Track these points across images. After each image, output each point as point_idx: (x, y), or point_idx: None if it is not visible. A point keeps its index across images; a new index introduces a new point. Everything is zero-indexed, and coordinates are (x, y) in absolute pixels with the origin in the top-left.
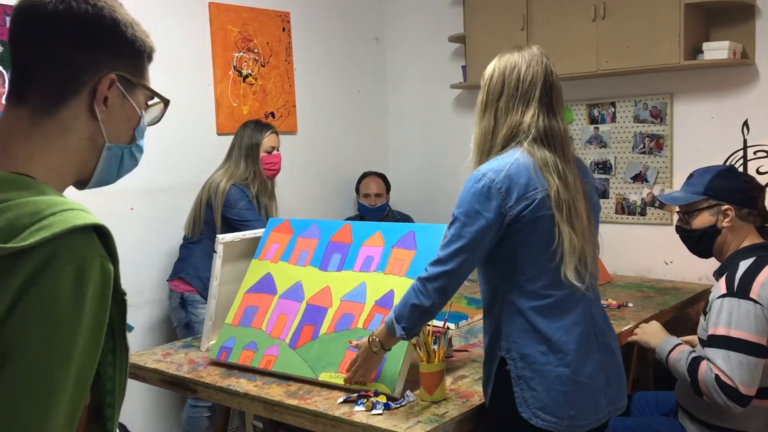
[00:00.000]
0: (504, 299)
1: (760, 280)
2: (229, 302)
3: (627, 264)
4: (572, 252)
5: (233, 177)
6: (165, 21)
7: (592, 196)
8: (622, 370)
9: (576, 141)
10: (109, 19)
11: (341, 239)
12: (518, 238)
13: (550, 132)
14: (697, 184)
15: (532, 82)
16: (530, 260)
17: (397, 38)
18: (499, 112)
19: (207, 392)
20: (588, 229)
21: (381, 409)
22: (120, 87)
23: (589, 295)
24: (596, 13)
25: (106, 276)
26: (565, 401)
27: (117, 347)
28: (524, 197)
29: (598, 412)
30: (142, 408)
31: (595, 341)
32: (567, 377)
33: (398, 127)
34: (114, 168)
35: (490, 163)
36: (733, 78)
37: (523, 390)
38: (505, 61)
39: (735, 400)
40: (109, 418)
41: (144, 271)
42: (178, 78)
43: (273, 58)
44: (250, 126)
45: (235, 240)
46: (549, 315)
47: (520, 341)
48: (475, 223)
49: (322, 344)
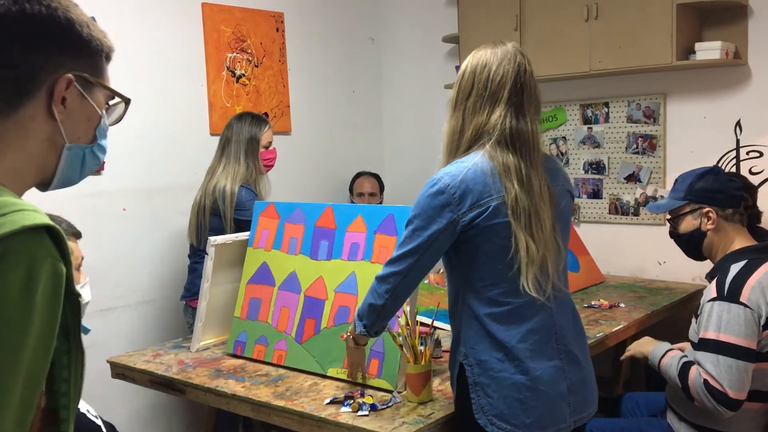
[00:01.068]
0: (464, 304)
1: (751, 284)
2: (221, 304)
3: (620, 264)
4: (531, 261)
5: (237, 177)
6: (158, 22)
7: (561, 201)
8: (589, 377)
9: (569, 141)
10: (63, 19)
11: (326, 224)
12: (474, 245)
13: (516, 134)
14: (679, 189)
15: (501, 81)
16: (487, 267)
17: (391, 38)
18: (467, 111)
19: (195, 393)
20: (551, 238)
21: (367, 410)
22: (78, 87)
23: (550, 304)
24: (589, 14)
25: (58, 277)
26: (521, 409)
27: (72, 349)
28: (478, 204)
29: (560, 420)
30: (133, 410)
31: (555, 349)
32: (523, 385)
33: (393, 127)
34: (76, 168)
35: (448, 167)
36: (725, 78)
37: (480, 396)
38: (477, 58)
39: (724, 405)
40: (64, 421)
41: (137, 272)
42: (172, 78)
43: (267, 58)
44: (247, 119)
45: (227, 242)
46: (506, 322)
47: (477, 347)
48: (427, 227)
49: (325, 339)
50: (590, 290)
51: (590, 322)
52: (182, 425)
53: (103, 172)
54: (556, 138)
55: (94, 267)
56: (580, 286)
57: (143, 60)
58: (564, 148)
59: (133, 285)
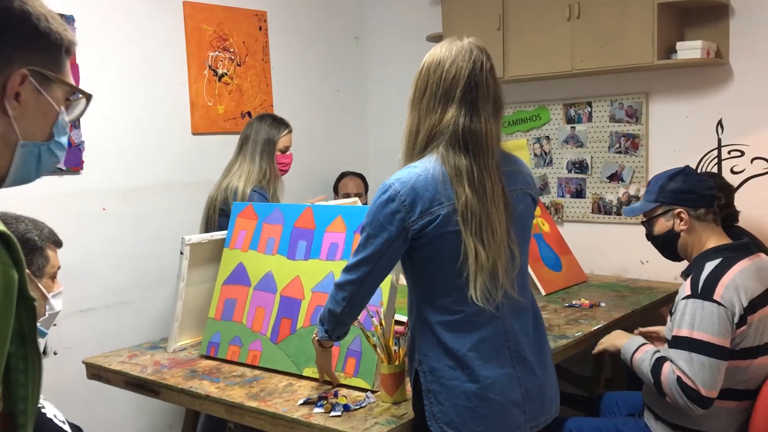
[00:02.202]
0: (417, 312)
1: (725, 282)
2: (199, 304)
3: (603, 263)
4: (479, 269)
5: (251, 178)
6: (139, 20)
7: (518, 206)
8: (546, 384)
9: (553, 141)
10: (18, 11)
11: (305, 225)
12: (426, 253)
13: (469, 135)
14: (651, 191)
15: (454, 79)
16: (439, 276)
17: (376, 37)
18: (422, 110)
19: (169, 394)
20: (503, 243)
21: (340, 410)
22: (34, 82)
23: (503, 312)
24: (571, 13)
25: (9, 283)
26: (471, 417)
27: (28, 354)
28: (428, 212)
29: (513, 428)
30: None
31: (508, 357)
32: (473, 393)
33: (378, 127)
34: (31, 166)
35: (400, 173)
36: (707, 77)
37: (432, 404)
38: (432, 55)
39: (696, 402)
40: (21, 426)
41: (117, 272)
42: (152, 77)
43: (249, 57)
44: (267, 121)
45: (202, 241)
46: (457, 330)
47: (430, 354)
48: (378, 235)
49: (300, 338)
50: (572, 290)
51: (570, 321)
52: (164, 426)
53: (82, 171)
54: (539, 137)
55: (72, 267)
56: (563, 285)
57: (123, 59)
58: (547, 147)
59: (113, 285)
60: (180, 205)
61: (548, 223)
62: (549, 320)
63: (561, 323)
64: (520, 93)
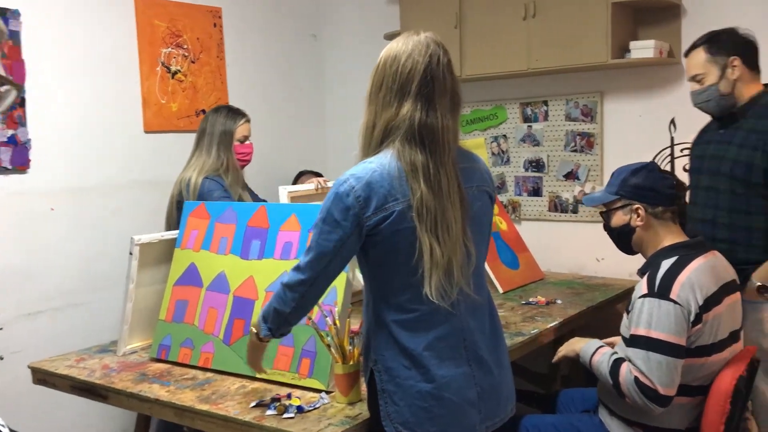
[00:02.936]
0: (373, 310)
1: (681, 281)
2: (149, 305)
3: (560, 261)
4: (435, 266)
5: (204, 168)
6: (88, 15)
7: (474, 203)
8: (502, 384)
9: (510, 139)
10: None
11: (258, 224)
12: (381, 250)
13: (425, 130)
14: (613, 183)
15: (410, 73)
16: (394, 273)
17: (334, 35)
18: (378, 105)
19: (118, 399)
20: (459, 240)
21: (293, 412)
22: None
23: (458, 310)
24: (527, 13)
25: None
26: (426, 417)
27: None
28: (382, 208)
29: (468, 428)
30: (63, 418)
31: (464, 356)
32: (428, 393)
33: (336, 125)
34: None
35: (355, 168)
36: (660, 77)
37: (387, 404)
38: (388, 50)
39: (655, 401)
40: None
41: (67, 274)
42: (102, 74)
43: (204, 54)
44: (223, 112)
45: (152, 241)
46: (413, 329)
47: (385, 353)
48: (332, 231)
49: None
50: (530, 287)
51: (526, 318)
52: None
53: (29, 170)
54: (497, 136)
55: (20, 269)
56: (520, 283)
57: (72, 54)
58: (505, 146)
59: (62, 287)
60: (132, 205)
61: (506, 221)
62: (506, 318)
63: (518, 320)
64: (477, 92)
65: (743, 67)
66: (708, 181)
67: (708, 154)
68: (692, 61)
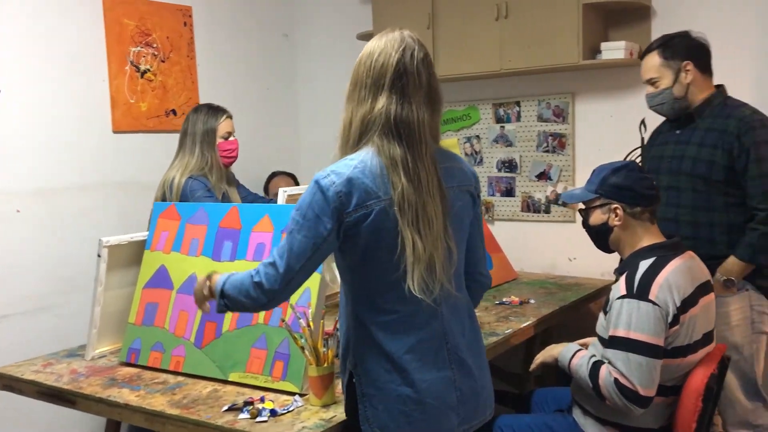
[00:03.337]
0: (352, 311)
1: (659, 282)
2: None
3: (533, 261)
4: (417, 260)
5: (188, 169)
6: (55, 12)
7: (455, 202)
8: (481, 387)
9: (483, 140)
10: None
11: (230, 225)
12: (359, 249)
13: (401, 123)
14: (592, 182)
15: (383, 67)
16: (375, 273)
17: (306, 35)
18: (354, 103)
19: (86, 404)
20: (440, 236)
21: (267, 416)
22: None
23: (440, 310)
24: (499, 13)
25: None
26: (405, 422)
27: None
28: (364, 205)
29: (447, 431)
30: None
31: (447, 359)
32: (409, 397)
33: (309, 125)
34: None
35: (335, 164)
36: (630, 77)
37: (366, 407)
38: (365, 48)
39: (635, 402)
40: None
41: (34, 277)
42: (69, 73)
43: (174, 53)
44: (203, 110)
45: (121, 243)
46: (394, 331)
47: (365, 356)
48: (311, 227)
49: (227, 342)
50: (503, 287)
51: (500, 318)
52: None
53: None
54: (470, 137)
55: None
56: (493, 283)
57: (38, 52)
58: (478, 146)
59: (29, 291)
60: (100, 206)
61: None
62: (480, 318)
63: (491, 321)
64: (450, 92)
65: (696, 71)
66: (668, 181)
67: (666, 155)
68: (647, 65)
